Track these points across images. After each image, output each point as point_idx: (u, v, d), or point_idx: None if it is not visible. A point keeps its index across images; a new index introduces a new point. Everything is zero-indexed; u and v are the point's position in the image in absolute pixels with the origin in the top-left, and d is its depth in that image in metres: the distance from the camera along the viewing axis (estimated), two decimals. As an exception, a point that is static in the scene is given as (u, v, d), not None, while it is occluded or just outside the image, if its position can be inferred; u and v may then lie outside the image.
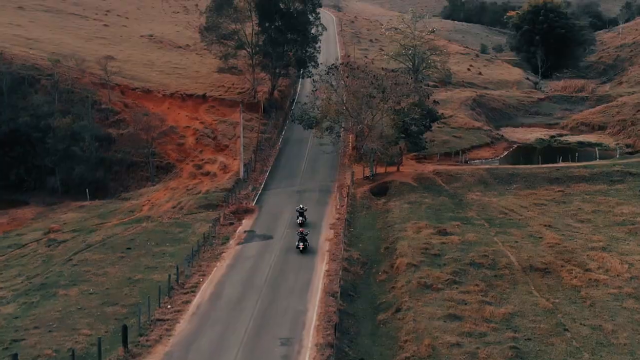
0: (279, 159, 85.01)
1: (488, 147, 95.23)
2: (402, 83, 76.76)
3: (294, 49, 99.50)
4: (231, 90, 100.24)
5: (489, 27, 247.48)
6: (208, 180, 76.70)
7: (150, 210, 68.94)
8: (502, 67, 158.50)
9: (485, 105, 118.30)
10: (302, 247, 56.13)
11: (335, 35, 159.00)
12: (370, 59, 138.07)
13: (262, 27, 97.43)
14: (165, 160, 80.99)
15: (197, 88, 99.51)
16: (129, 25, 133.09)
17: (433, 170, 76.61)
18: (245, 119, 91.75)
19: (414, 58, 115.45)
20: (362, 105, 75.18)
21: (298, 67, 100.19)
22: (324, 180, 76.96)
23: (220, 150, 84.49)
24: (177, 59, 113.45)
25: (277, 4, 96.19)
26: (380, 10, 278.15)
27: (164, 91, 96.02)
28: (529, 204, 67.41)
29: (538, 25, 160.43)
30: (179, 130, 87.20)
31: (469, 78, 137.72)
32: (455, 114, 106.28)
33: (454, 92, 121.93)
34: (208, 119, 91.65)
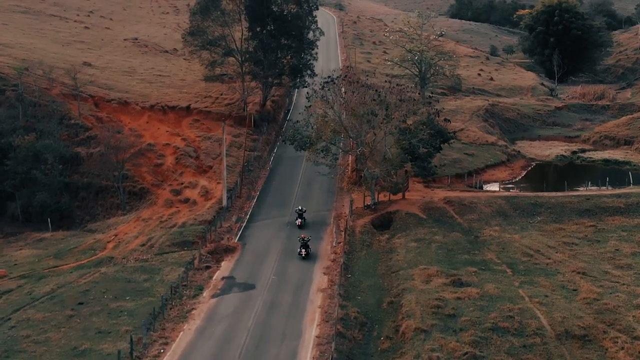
0: (269, 181, 75.33)
1: (504, 166, 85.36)
2: (409, 99, 66.84)
3: (288, 56, 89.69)
4: (219, 102, 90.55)
5: (497, 27, 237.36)
6: (186, 209, 67.03)
7: (115, 248, 59.31)
8: (515, 71, 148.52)
9: (498, 115, 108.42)
10: (304, 254, 55.59)
11: (336, 37, 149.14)
12: (373, 64, 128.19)
13: (252, 31, 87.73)
14: (139, 185, 71.29)
15: (181, 99, 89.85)
16: (113, 27, 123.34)
17: (444, 198, 66.84)
18: (233, 134, 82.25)
19: (420, 64, 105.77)
20: (363, 124, 65.45)
21: (292, 75, 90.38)
22: (319, 208, 67.34)
23: (203, 172, 74.81)
24: (162, 65, 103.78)
25: (269, 6, 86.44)
26: (384, 9, 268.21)
27: (144, 103, 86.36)
28: (557, 243, 57.64)
29: (553, 27, 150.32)
30: (158, 149, 77.53)
31: (479, 84, 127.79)
32: (467, 126, 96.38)
33: (464, 100, 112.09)
34: (191, 134, 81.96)
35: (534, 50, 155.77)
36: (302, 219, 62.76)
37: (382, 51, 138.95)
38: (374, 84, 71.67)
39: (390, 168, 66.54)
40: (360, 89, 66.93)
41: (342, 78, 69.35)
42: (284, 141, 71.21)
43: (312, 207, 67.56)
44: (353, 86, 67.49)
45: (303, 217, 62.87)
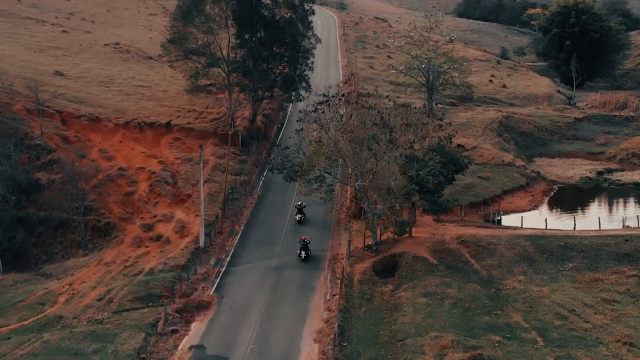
0: (257, 212, 65.84)
1: (523, 191, 75.67)
2: (416, 124, 57.18)
3: (280, 66, 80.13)
4: (203, 117, 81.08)
5: (507, 26, 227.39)
6: (157, 249, 57.55)
7: (67, 303, 49.87)
8: (528, 76, 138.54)
9: (513, 128, 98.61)
10: (304, 256, 55.11)
11: (337, 40, 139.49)
12: (375, 71, 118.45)
13: (240, 39, 78.19)
14: (104, 219, 61.84)
15: (161, 114, 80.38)
16: (94, 30, 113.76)
17: (457, 237, 57.23)
18: (217, 154, 72.82)
19: (428, 73, 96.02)
20: (363, 151, 55.89)
21: (286, 88, 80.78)
22: (312, 249, 57.82)
23: (181, 201, 65.38)
24: (143, 74, 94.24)
25: (259, 11, 76.90)
26: (388, 8, 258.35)
27: (118, 119, 76.91)
28: (595, 300, 48.06)
29: (569, 29, 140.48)
30: (130, 174, 68.10)
31: (491, 92, 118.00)
32: (480, 143, 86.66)
33: (475, 111, 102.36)
34: (170, 156, 72.51)
35: (549, 54, 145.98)
36: (302, 214, 61.47)
37: (385, 56, 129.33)
38: (376, 104, 61.77)
39: (394, 202, 57.06)
40: (360, 111, 57.26)
41: (338, 98, 59.57)
42: (271, 170, 61.56)
43: (304, 246, 58.18)
44: (352, 107, 57.86)
45: (303, 213, 61.59)
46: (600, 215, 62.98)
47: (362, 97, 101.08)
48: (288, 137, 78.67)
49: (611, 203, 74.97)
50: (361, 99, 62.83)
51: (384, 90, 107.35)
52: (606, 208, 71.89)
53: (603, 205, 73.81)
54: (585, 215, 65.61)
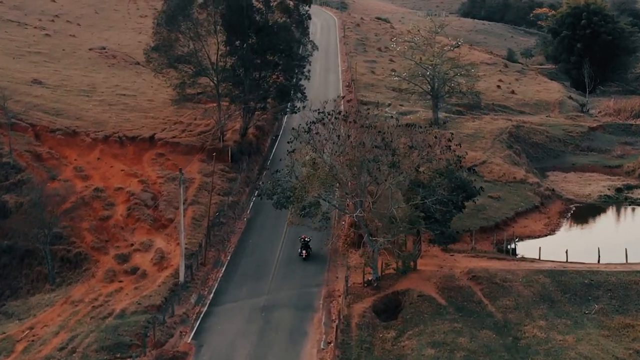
0: (246, 239, 59.76)
1: (537, 212, 69.41)
2: (422, 146, 50.96)
3: (274, 75, 74.00)
4: (191, 130, 74.99)
5: (513, 27, 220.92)
6: (131, 285, 51.45)
7: (25, 352, 43.85)
8: (537, 80, 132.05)
9: (524, 139, 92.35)
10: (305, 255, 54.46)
11: (337, 43, 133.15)
12: (377, 76, 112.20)
13: (230, 46, 72.13)
14: (75, 248, 55.75)
15: (145, 126, 74.32)
16: (79, 34, 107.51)
17: (468, 272, 51.09)
18: (204, 172, 66.87)
19: (433, 80, 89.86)
20: (362, 175, 49.75)
21: (279, 99, 74.60)
22: (306, 284, 51.93)
23: (162, 227, 59.31)
24: (129, 81, 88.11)
25: (250, 15, 70.79)
26: (391, 7, 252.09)
27: (97, 133, 70.84)
28: (628, 352, 42.12)
29: (579, 31, 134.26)
30: (107, 195, 62.04)
31: (499, 99, 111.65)
32: (489, 157, 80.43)
33: (483, 120, 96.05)
34: (152, 174, 66.43)
35: (559, 57, 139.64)
36: (308, 248, 55.14)
37: (388, 59, 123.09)
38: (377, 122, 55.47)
39: (397, 233, 50.94)
40: (359, 130, 51.02)
41: (335, 115, 53.24)
42: (260, 196, 55.27)
43: (296, 280, 52.21)
44: (349, 125, 51.64)
45: (308, 247, 55.22)
46: (626, 243, 56.62)
47: (363, 106, 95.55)
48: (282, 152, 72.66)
49: (636, 227, 68.74)
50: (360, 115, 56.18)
51: (386, 98, 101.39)
52: (631, 233, 65.57)
53: (627, 230, 67.57)
54: (608, 242, 59.30)
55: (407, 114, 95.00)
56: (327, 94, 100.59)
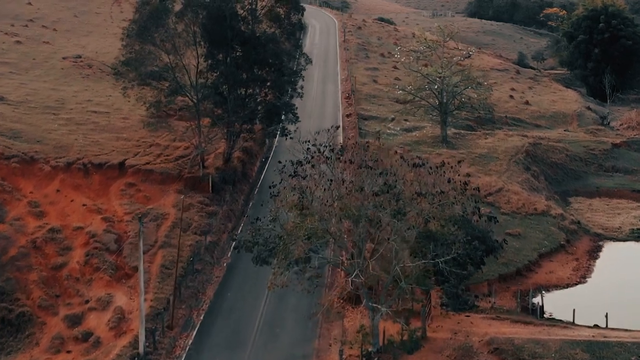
0: (223, 291, 50.95)
1: (564, 252, 60.50)
2: (432, 193, 41.86)
3: (262, 93, 65.06)
4: (167, 154, 66.11)
5: (522, 27, 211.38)
6: (80, 357, 42.57)
7: None
8: (552, 88, 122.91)
9: (542, 159, 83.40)
10: None
11: (337, 48, 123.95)
12: (380, 86, 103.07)
13: (212, 59, 63.15)
14: (19, 307, 46.85)
15: (116, 150, 65.43)
16: (54, 40, 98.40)
17: (488, 342, 42.13)
18: (180, 205, 57.64)
19: (441, 94, 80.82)
20: (360, 229, 40.78)
21: (268, 120, 65.61)
22: (291, 355, 42.97)
23: (125, 277, 50.46)
24: (103, 95, 79.08)
25: (235, 26, 61.87)
26: (394, 7, 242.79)
27: (58, 159, 61.96)
28: None
29: (597, 35, 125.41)
30: (63, 237, 53.22)
31: (513, 110, 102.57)
32: (505, 183, 71.43)
33: (496, 137, 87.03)
34: (119, 210, 57.55)
35: (574, 63, 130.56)
36: None
37: (391, 67, 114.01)
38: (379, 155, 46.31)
39: (402, 295, 42.03)
40: (357, 172, 41.98)
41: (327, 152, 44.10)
42: (238, 249, 46.17)
43: (280, 350, 43.38)
44: (345, 167, 42.58)
45: None
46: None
47: (364, 122, 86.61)
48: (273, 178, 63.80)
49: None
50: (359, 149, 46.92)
51: (389, 111, 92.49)
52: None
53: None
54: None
55: (412, 130, 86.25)
56: (325, 107, 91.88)
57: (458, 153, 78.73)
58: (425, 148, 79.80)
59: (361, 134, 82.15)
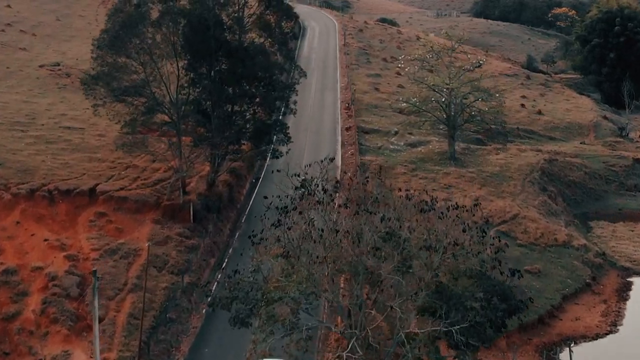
0: (201, 345, 44.14)
1: (590, 292, 53.78)
2: (445, 246, 34.85)
3: (250, 110, 58.22)
4: (145, 177, 59.37)
5: (530, 28, 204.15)
6: None
7: None
8: (565, 95, 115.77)
9: (559, 177, 76.61)
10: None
11: (337, 53, 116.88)
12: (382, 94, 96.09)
13: (194, 73, 56.29)
14: (-40, 369, 40.15)
15: (87, 173, 58.70)
16: (32, 47, 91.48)
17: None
18: (157, 238, 51.78)
19: (448, 107, 73.93)
20: (356, 290, 33.94)
21: (257, 140, 58.70)
22: None
23: (87, 328, 43.68)
24: (79, 108, 72.09)
25: (220, 35, 55.02)
26: (397, 6, 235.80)
27: (20, 186, 55.17)
28: None
29: (612, 39, 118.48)
30: (19, 279, 46.48)
31: (525, 121, 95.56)
32: (521, 208, 64.58)
33: (508, 152, 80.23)
34: (86, 245, 50.78)
35: (588, 68, 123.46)
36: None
37: (394, 73, 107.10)
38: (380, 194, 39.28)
39: None
40: (354, 218, 35.06)
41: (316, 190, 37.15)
42: (212, 307, 39.12)
43: None
44: (339, 212, 35.67)
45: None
46: None
47: (364, 135, 79.81)
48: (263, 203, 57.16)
49: None
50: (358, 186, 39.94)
51: (392, 123, 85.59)
52: None
53: None
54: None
55: (417, 146, 79.42)
56: (323, 119, 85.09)
57: (467, 172, 71.93)
58: (432, 166, 72.98)
59: (361, 149, 75.31)
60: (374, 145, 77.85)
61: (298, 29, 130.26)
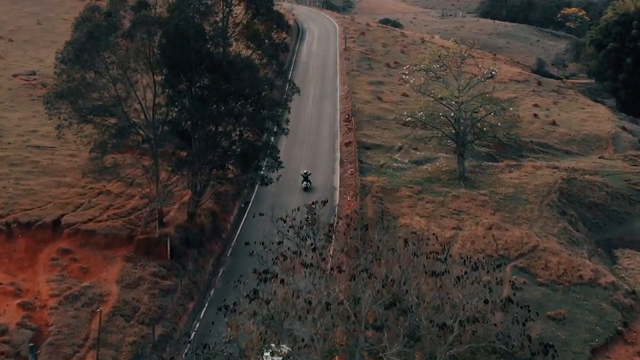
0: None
1: (622, 341, 47.00)
2: (458, 321, 28.19)
3: (236, 131, 51.64)
4: (118, 205, 52.92)
5: (538, 28, 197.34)
6: None
7: None
8: (579, 103, 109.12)
9: (578, 199, 69.84)
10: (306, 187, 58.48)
11: (337, 57, 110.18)
12: (385, 104, 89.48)
13: (172, 89, 49.68)
14: None
15: (53, 202, 52.23)
16: (7, 54, 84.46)
17: None
18: (127, 279, 45.97)
19: (457, 122, 67.31)
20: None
21: (244, 165, 52.03)
22: None
23: (38, 398, 37.01)
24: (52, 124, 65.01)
25: (201, 48, 48.36)
26: (401, 6, 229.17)
27: (-26, 219, 48.64)
28: None
29: (629, 43, 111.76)
30: (-37, 335, 39.86)
31: (539, 133, 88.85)
32: (540, 238, 57.93)
33: (522, 169, 73.71)
34: (45, 290, 44.40)
35: (603, 74, 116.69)
36: (308, 181, 61.86)
37: (397, 79, 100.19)
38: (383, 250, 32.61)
39: None
40: (349, 285, 28.44)
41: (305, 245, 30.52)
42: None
43: None
44: (332, 276, 29.03)
45: (308, 180, 62.01)
46: None
47: (365, 152, 73.25)
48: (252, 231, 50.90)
49: None
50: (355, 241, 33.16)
51: (395, 137, 79.15)
52: None
53: None
54: None
55: (423, 163, 72.97)
56: (320, 133, 78.69)
57: (479, 194, 65.35)
58: (440, 187, 66.41)
59: (362, 168, 68.72)
60: (376, 163, 71.32)
61: (296, 32, 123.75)
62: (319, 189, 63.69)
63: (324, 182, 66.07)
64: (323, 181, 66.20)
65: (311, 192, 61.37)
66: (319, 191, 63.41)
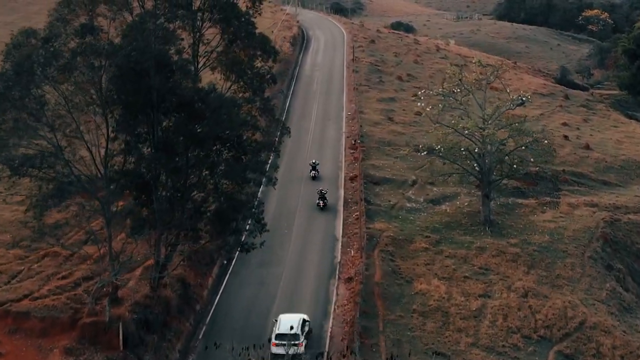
0: None
1: None
2: None
3: (210, 185, 41.22)
4: (65, 273, 42.78)
5: (559, 32, 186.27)
6: None
7: None
8: (612, 120, 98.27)
9: (625, 246, 59.48)
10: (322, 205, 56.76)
11: (344, 70, 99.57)
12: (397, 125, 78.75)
13: (129, 134, 39.38)
14: None
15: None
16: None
17: None
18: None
19: (482, 157, 56.54)
20: None
21: (221, 227, 41.50)
22: None
23: None
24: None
25: (164, 81, 37.91)
26: (414, 7, 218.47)
27: None
28: None
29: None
30: None
31: (571, 160, 77.72)
32: (588, 312, 47.31)
33: (557, 209, 62.94)
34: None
35: (638, 87, 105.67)
36: (316, 171, 62.49)
37: (411, 95, 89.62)
38: None
39: None
40: None
41: None
42: None
43: None
44: None
45: (317, 170, 62.60)
46: None
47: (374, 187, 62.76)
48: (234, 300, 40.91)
49: None
50: None
51: (408, 168, 68.55)
52: None
53: None
54: None
55: (441, 202, 62.66)
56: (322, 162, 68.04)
57: (508, 245, 54.84)
58: (461, 236, 55.93)
59: (369, 211, 58.18)
60: (386, 203, 60.88)
61: (301, 41, 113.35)
62: (316, 241, 53.56)
63: (325, 230, 55.82)
64: (323, 229, 55.97)
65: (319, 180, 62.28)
66: (316, 243, 53.31)
